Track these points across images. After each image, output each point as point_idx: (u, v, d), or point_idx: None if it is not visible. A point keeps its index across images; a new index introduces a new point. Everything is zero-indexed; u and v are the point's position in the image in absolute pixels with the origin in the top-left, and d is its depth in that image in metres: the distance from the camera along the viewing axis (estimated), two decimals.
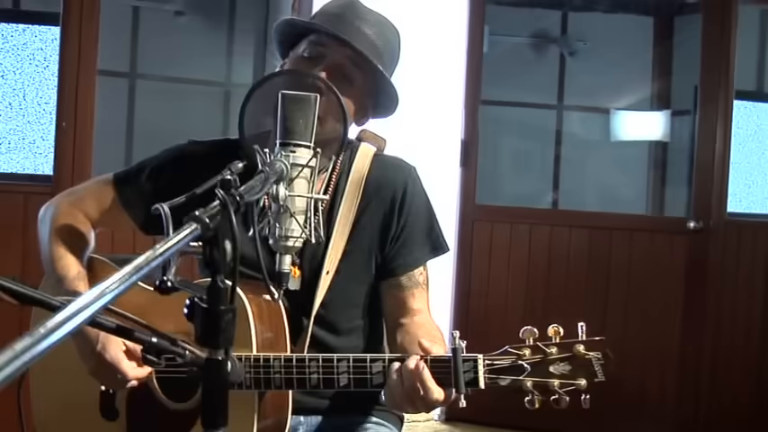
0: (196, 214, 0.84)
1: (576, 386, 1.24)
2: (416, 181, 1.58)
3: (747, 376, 3.92)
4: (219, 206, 0.87)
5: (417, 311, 1.52)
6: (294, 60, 1.48)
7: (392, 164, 1.58)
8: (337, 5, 1.51)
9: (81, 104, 3.00)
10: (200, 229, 0.82)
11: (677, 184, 4.53)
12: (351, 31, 1.44)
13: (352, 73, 1.46)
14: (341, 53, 1.44)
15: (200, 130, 4.59)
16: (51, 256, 1.53)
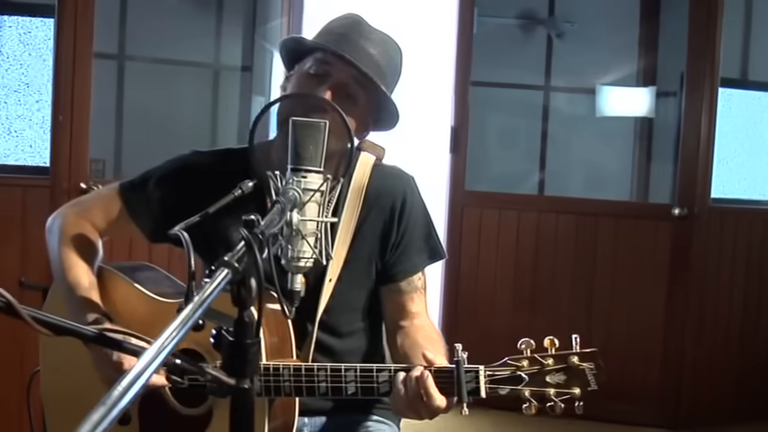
0: (226, 260, 0.89)
1: (571, 395, 1.31)
2: (415, 191, 1.64)
3: (729, 361, 4.05)
4: (245, 247, 0.93)
5: (416, 315, 1.59)
6: (300, 76, 1.52)
7: (391, 174, 1.64)
8: (343, 24, 1.55)
9: (77, 96, 3.01)
10: (231, 273, 0.87)
11: (662, 159, 4.58)
12: (356, 50, 1.49)
13: (356, 92, 1.51)
14: (346, 73, 1.49)
15: (190, 111, 4.62)
16: (62, 266, 1.57)
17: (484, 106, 4.57)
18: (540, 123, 4.86)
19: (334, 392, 1.38)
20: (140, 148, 4.35)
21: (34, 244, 2.93)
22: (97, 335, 0.98)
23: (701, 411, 3.97)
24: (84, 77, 3.02)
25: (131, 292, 1.59)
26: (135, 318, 1.55)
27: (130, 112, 4.60)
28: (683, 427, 3.91)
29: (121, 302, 1.58)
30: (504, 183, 4.86)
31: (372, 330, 1.67)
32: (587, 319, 4.04)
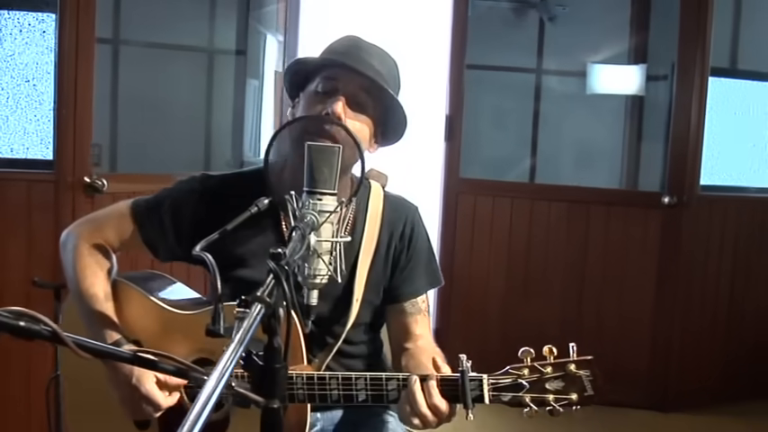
0: (258, 295, 0.96)
1: (569, 400, 1.40)
2: (420, 220, 1.75)
3: (716, 345, 4.17)
4: (274, 280, 1.00)
5: (419, 337, 1.68)
6: (309, 96, 1.59)
7: (400, 203, 1.74)
8: (342, 44, 1.63)
9: (80, 90, 3.01)
10: (265, 308, 0.95)
11: (653, 139, 4.61)
12: (359, 62, 1.56)
13: (365, 101, 1.58)
14: (353, 83, 1.56)
15: (184, 95, 4.63)
16: (78, 286, 1.63)
17: (476, 88, 4.58)
18: (531, 105, 4.86)
19: (345, 400, 1.46)
20: (136, 132, 4.37)
21: (40, 239, 2.97)
22: (132, 356, 1.05)
23: (689, 393, 4.09)
24: (87, 70, 3.00)
25: (146, 305, 1.66)
26: (151, 330, 1.62)
27: (125, 97, 4.61)
28: (671, 408, 4.03)
29: (137, 315, 1.65)
30: (496, 165, 4.89)
31: (375, 341, 1.77)
32: (578, 305, 4.14)
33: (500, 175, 4.77)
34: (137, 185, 3.23)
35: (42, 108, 3.11)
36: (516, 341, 4.48)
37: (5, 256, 2.96)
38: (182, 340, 1.60)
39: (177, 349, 1.59)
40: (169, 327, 1.63)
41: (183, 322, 1.62)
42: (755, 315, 4.26)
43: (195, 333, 1.58)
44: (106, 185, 3.02)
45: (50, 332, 0.96)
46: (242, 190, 1.62)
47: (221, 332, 1.14)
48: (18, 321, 0.94)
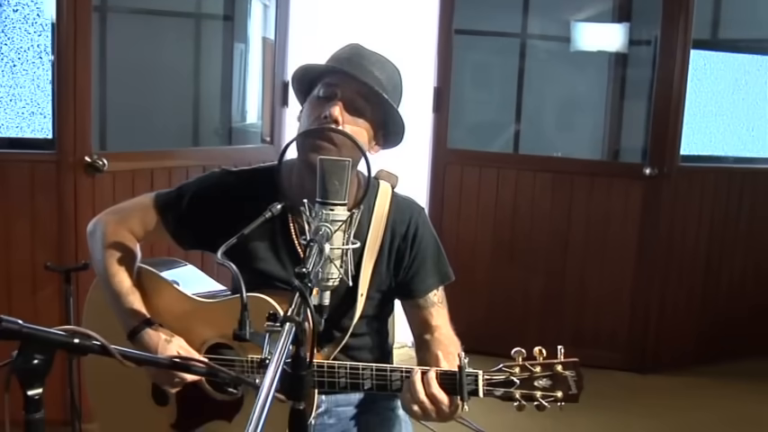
0: (289, 315, 1.08)
1: (555, 397, 1.53)
2: (426, 221, 1.84)
3: (692, 311, 4.35)
4: (300, 297, 1.11)
5: (437, 328, 1.79)
6: (311, 102, 1.69)
7: (407, 204, 1.83)
8: (344, 52, 1.72)
9: (80, 67, 3.04)
10: (295, 326, 1.07)
11: (635, 97, 4.66)
12: (359, 69, 1.66)
13: (363, 106, 1.67)
14: (351, 89, 1.65)
15: (172, 60, 4.64)
16: (106, 272, 1.75)
17: (462, 53, 4.57)
18: (516, 65, 4.80)
19: (352, 387, 1.59)
20: (124, 100, 4.38)
21: (44, 219, 3.04)
22: (171, 362, 1.17)
23: (666, 356, 4.29)
24: (85, 47, 3.04)
25: (169, 292, 1.78)
26: (174, 316, 1.74)
27: (113, 65, 4.63)
28: (649, 370, 4.22)
29: (161, 302, 1.76)
30: (481, 130, 4.93)
31: (380, 332, 1.89)
32: (562, 272, 4.29)
33: (485, 140, 4.85)
34: (137, 163, 3.32)
35: (40, 86, 3.12)
36: (502, 307, 4.68)
37: (10, 237, 3.03)
38: (202, 326, 1.72)
39: (198, 334, 1.72)
40: (190, 313, 1.74)
41: (204, 310, 1.74)
42: (730, 283, 4.45)
43: (215, 320, 1.71)
44: (107, 165, 3.07)
45: (99, 346, 1.07)
46: (258, 187, 1.75)
47: (248, 337, 1.26)
48: (73, 339, 1.05)
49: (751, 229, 4.44)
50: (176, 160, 3.53)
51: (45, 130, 3.14)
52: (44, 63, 3.12)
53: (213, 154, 3.90)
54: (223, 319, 1.70)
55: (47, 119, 3.14)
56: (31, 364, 1.03)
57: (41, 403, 1.04)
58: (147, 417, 1.79)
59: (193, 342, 1.71)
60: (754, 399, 3.98)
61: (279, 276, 1.72)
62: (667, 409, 3.82)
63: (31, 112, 3.14)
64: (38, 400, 1.04)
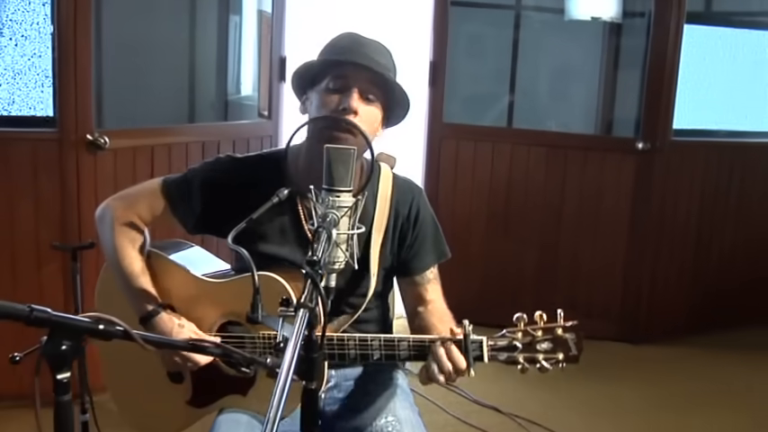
0: (302, 302, 1.14)
1: (555, 359, 1.60)
2: (426, 201, 1.91)
3: (683, 284, 4.44)
4: (312, 284, 1.17)
5: (431, 302, 1.87)
6: (322, 94, 1.72)
7: (408, 186, 1.90)
8: (342, 41, 1.76)
9: (80, 45, 3.04)
10: (308, 311, 1.13)
11: (630, 66, 4.67)
12: (364, 58, 1.70)
13: (374, 92, 1.73)
14: (362, 78, 1.70)
15: (167, 35, 4.64)
16: (117, 257, 1.79)
17: (457, 24, 4.56)
18: (510, 36, 4.79)
19: (362, 359, 1.66)
20: (119, 75, 4.39)
21: (47, 197, 3.07)
22: (188, 345, 1.23)
23: (658, 327, 4.38)
24: (85, 24, 3.05)
25: (179, 274, 1.83)
26: (184, 297, 1.80)
27: (108, 39, 4.63)
28: (641, 341, 4.32)
29: (171, 284, 1.82)
30: (475, 101, 4.93)
31: (383, 306, 1.95)
32: (556, 246, 4.37)
33: (479, 112, 4.85)
34: (137, 140, 3.36)
35: (39, 64, 3.13)
36: (496, 279, 4.76)
37: (14, 215, 3.06)
38: (212, 306, 1.78)
39: (209, 313, 1.78)
40: (199, 293, 1.80)
41: (213, 290, 1.80)
42: (720, 256, 4.53)
43: (225, 300, 1.78)
44: (108, 142, 3.10)
45: (122, 331, 1.13)
46: (264, 172, 1.80)
47: (260, 320, 1.32)
48: (98, 325, 1.11)
49: (741, 203, 4.51)
50: (176, 137, 3.57)
51: (46, 108, 3.14)
52: (44, 40, 3.13)
53: (212, 130, 3.93)
54: (233, 298, 1.76)
55: (47, 97, 3.14)
56: (59, 350, 1.09)
57: (69, 386, 1.10)
58: (162, 395, 1.85)
59: (205, 321, 1.77)
60: (743, 368, 4.08)
61: (287, 258, 1.78)
62: (659, 379, 3.92)
63: (30, 90, 3.15)
64: (66, 383, 1.10)
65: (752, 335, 4.49)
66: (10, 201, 3.05)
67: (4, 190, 3.04)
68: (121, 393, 1.97)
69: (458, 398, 3.43)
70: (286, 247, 1.79)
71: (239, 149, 3.81)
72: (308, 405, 1.23)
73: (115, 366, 1.94)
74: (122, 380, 1.95)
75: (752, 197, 4.54)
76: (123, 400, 1.97)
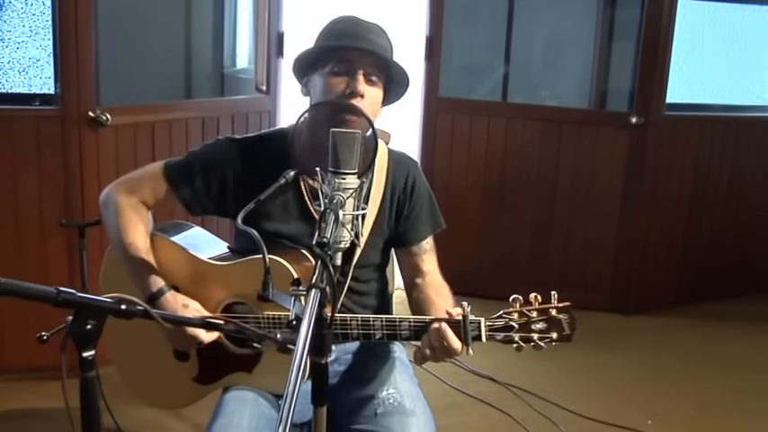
0: (314, 283, 1.20)
1: (549, 338, 1.67)
2: (420, 174, 1.97)
3: (674, 256, 4.53)
4: (322, 265, 1.24)
5: (428, 273, 1.93)
6: (327, 77, 1.76)
7: (403, 160, 1.96)
8: (343, 24, 1.81)
9: (81, 21, 3.07)
10: (320, 292, 1.19)
11: (624, 38, 4.71)
12: (366, 41, 1.76)
13: (377, 74, 1.79)
14: (365, 62, 1.75)
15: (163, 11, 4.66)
16: (121, 241, 1.83)
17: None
18: (506, 7, 4.78)
19: (364, 338, 1.72)
20: (115, 49, 4.39)
21: (50, 174, 3.12)
22: (204, 323, 1.30)
23: (649, 299, 4.48)
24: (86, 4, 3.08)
25: (182, 256, 1.88)
26: (188, 279, 1.85)
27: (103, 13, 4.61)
28: (633, 311, 4.42)
29: (175, 266, 1.86)
30: (470, 73, 4.97)
31: (381, 279, 2.02)
32: (550, 219, 4.44)
33: (474, 84, 4.90)
34: (139, 117, 3.40)
35: (40, 41, 3.15)
36: (491, 251, 4.82)
37: (19, 191, 3.11)
38: (216, 287, 1.84)
39: (213, 294, 1.83)
40: (203, 275, 1.85)
41: (217, 272, 1.85)
42: (711, 231, 4.62)
43: (229, 281, 1.83)
44: (110, 119, 3.14)
45: (143, 311, 1.19)
46: (264, 153, 1.87)
47: (271, 298, 1.39)
48: (120, 305, 1.17)
49: (733, 178, 4.59)
50: (176, 113, 3.60)
51: (47, 85, 3.16)
52: (45, 17, 3.14)
53: (211, 105, 3.96)
54: (237, 279, 1.82)
55: (49, 74, 3.16)
56: (84, 329, 1.15)
57: (95, 363, 1.17)
58: (169, 372, 1.91)
59: (209, 302, 1.82)
60: (733, 338, 4.18)
61: (290, 235, 1.84)
62: (651, 348, 4.02)
63: (32, 67, 3.16)
64: (91, 360, 1.16)
65: (741, 306, 4.61)
66: (15, 177, 3.10)
67: (8, 167, 3.08)
68: (128, 369, 2.01)
69: (455, 368, 3.51)
70: (290, 224, 1.85)
71: (238, 125, 3.87)
72: (319, 378, 1.30)
73: (122, 344, 1.97)
74: (129, 356, 1.99)
75: (744, 172, 4.61)
76: (130, 375, 2.02)
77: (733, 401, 3.45)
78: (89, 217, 3.03)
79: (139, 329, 1.62)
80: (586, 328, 1.77)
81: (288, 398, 1.04)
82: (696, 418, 3.26)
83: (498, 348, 1.72)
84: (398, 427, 1.74)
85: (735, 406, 3.41)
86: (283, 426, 1.00)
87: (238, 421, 1.70)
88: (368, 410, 1.80)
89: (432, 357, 1.66)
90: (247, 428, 1.69)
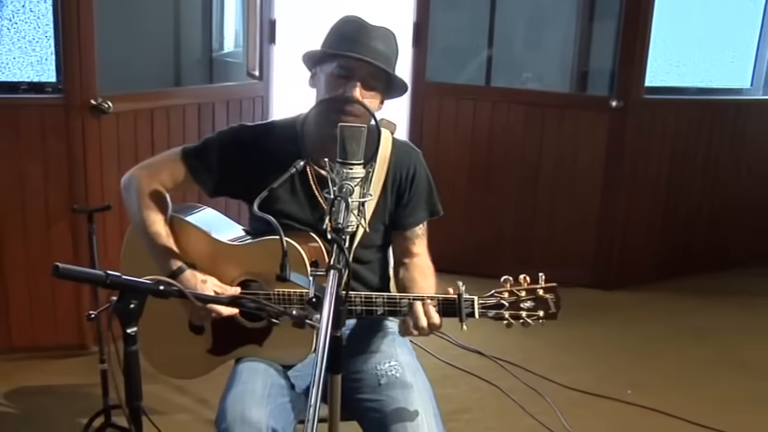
0: (332, 264, 1.35)
1: (537, 316, 1.83)
2: (422, 162, 2.11)
3: (653, 234, 4.72)
4: (338, 249, 1.38)
5: (416, 255, 2.09)
6: (329, 77, 1.90)
7: (406, 149, 2.10)
8: (350, 27, 1.93)
9: (83, 8, 3.14)
10: (337, 273, 1.34)
11: (605, 17, 4.84)
12: (369, 50, 1.88)
13: (375, 83, 1.92)
14: (365, 69, 1.89)
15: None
16: (143, 222, 1.97)
17: None
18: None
19: (367, 314, 1.87)
20: (107, 40, 4.44)
21: (54, 161, 3.23)
22: (230, 300, 1.44)
23: (629, 275, 4.67)
24: None
25: (199, 236, 2.01)
26: (204, 257, 1.98)
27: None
28: (614, 286, 4.61)
29: (192, 245, 2.00)
30: (454, 56, 5.07)
31: (383, 260, 2.16)
32: (534, 199, 4.60)
33: (458, 66, 5.02)
34: (140, 103, 3.51)
35: (40, 30, 3.23)
36: (478, 231, 4.96)
37: (24, 178, 3.22)
38: (230, 265, 1.97)
39: (227, 272, 1.96)
40: (218, 254, 1.99)
41: (231, 251, 1.99)
42: (687, 209, 4.82)
43: (242, 260, 1.97)
44: (111, 107, 3.24)
45: (177, 290, 1.34)
46: (275, 139, 2.00)
47: (289, 278, 1.53)
48: (158, 286, 1.31)
49: (708, 159, 4.78)
50: (174, 99, 3.73)
51: (50, 74, 3.25)
52: (47, 5, 3.20)
53: (207, 91, 4.08)
54: (249, 259, 1.96)
55: (52, 63, 3.24)
56: (128, 308, 1.29)
57: (137, 338, 1.31)
58: (185, 344, 2.04)
59: (224, 279, 1.95)
60: (707, 311, 4.40)
61: (297, 217, 1.98)
62: (632, 321, 4.23)
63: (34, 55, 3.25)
64: (134, 336, 1.31)
65: (719, 281, 4.83)
66: (20, 164, 3.20)
67: (14, 154, 3.19)
68: (147, 342, 2.11)
69: (444, 343, 3.68)
70: (297, 208, 1.99)
71: (232, 110, 3.99)
72: (335, 350, 1.44)
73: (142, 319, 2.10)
74: (148, 331, 2.08)
75: (719, 153, 4.80)
76: (148, 348, 2.13)
77: (709, 372, 3.65)
78: (92, 202, 3.16)
79: (158, 305, 1.70)
80: (569, 303, 1.91)
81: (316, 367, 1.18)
82: (674, 387, 3.45)
83: (485, 324, 1.86)
84: (402, 400, 1.87)
85: (711, 376, 3.61)
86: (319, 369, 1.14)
87: (252, 389, 1.84)
88: (371, 381, 1.94)
89: (412, 329, 1.80)
90: (260, 395, 1.83)
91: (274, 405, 1.82)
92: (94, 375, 2.82)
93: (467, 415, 3.11)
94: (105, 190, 3.33)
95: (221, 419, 1.77)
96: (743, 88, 5.05)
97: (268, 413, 1.78)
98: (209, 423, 2.87)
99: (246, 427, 1.73)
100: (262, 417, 1.76)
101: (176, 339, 2.06)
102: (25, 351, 3.36)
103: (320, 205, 1.98)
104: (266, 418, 1.76)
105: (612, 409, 3.25)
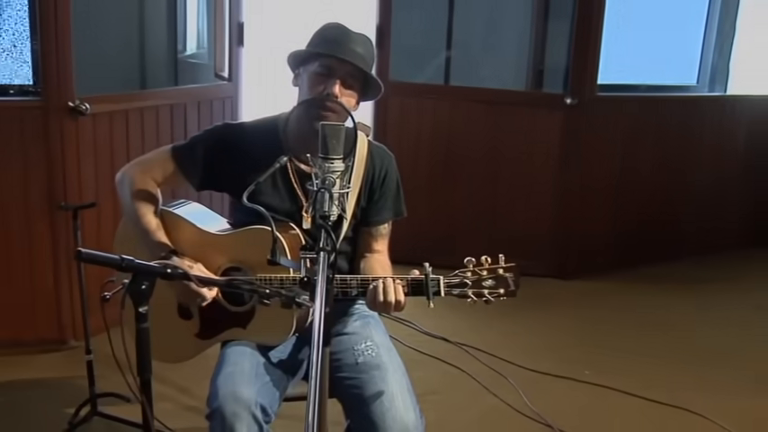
0: (322, 247, 1.51)
1: (498, 293, 1.99)
2: (394, 167, 2.28)
3: (607, 226, 4.98)
4: (326, 234, 1.55)
5: (377, 251, 2.26)
6: (311, 75, 2.07)
7: (381, 152, 2.27)
8: (333, 32, 2.10)
9: (60, 10, 3.22)
10: (326, 254, 1.50)
11: (559, 16, 5.04)
12: (348, 51, 2.05)
13: (353, 82, 2.09)
14: (345, 69, 2.06)
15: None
16: (136, 214, 2.12)
17: None
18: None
19: (344, 295, 2.01)
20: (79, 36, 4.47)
21: (35, 162, 3.33)
22: (228, 282, 1.60)
23: (585, 264, 4.90)
24: None
25: (186, 227, 2.16)
26: (192, 246, 2.13)
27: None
28: (569, 276, 4.84)
29: (180, 235, 2.14)
30: (414, 56, 5.23)
31: (353, 252, 2.30)
32: (493, 194, 4.83)
33: (419, 66, 5.20)
34: (116, 105, 3.62)
35: (19, 32, 3.30)
36: (440, 226, 5.13)
37: (4, 178, 3.32)
38: (216, 254, 2.12)
39: (213, 260, 2.11)
40: (205, 243, 2.14)
41: (217, 240, 2.14)
42: (639, 202, 5.07)
43: (227, 249, 2.12)
44: (89, 108, 3.34)
45: (182, 273, 1.49)
46: (259, 137, 2.16)
47: (280, 262, 1.69)
48: (166, 270, 1.47)
49: (656, 153, 5.03)
50: (147, 101, 3.83)
51: (24, 76, 3.32)
52: (23, 8, 3.27)
53: (177, 93, 4.19)
54: (234, 247, 2.11)
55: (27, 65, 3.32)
56: (140, 289, 1.44)
57: (148, 317, 1.46)
58: (174, 329, 2.18)
59: (210, 267, 2.10)
60: (663, 298, 4.67)
61: (278, 209, 2.13)
62: (589, 308, 4.46)
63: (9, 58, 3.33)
64: (145, 314, 1.46)
65: (675, 269, 5.12)
66: (1, 165, 3.30)
67: None
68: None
69: (411, 331, 3.85)
70: (278, 199, 2.14)
71: (203, 111, 4.13)
72: (325, 324, 1.60)
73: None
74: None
75: (668, 147, 5.05)
76: None
77: (660, 355, 3.88)
78: (71, 201, 3.27)
79: None
80: (529, 293, 2.04)
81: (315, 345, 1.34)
82: (627, 368, 3.68)
83: (450, 313, 2.01)
84: (378, 377, 2.03)
85: (661, 358, 3.85)
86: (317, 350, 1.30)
87: (242, 369, 1.99)
88: (349, 359, 2.10)
89: (376, 306, 1.95)
90: (249, 374, 1.98)
91: (262, 383, 1.98)
92: (77, 368, 2.93)
93: (435, 396, 3.28)
94: (83, 189, 3.44)
95: (213, 398, 1.91)
96: (690, 85, 5.33)
97: (256, 391, 1.93)
98: (192, 410, 3.02)
99: (237, 404, 1.88)
100: (251, 394, 1.91)
101: (167, 325, 2.19)
102: (5, 347, 3.43)
103: (299, 197, 2.14)
104: (255, 395, 1.91)
105: (571, 388, 3.46)
